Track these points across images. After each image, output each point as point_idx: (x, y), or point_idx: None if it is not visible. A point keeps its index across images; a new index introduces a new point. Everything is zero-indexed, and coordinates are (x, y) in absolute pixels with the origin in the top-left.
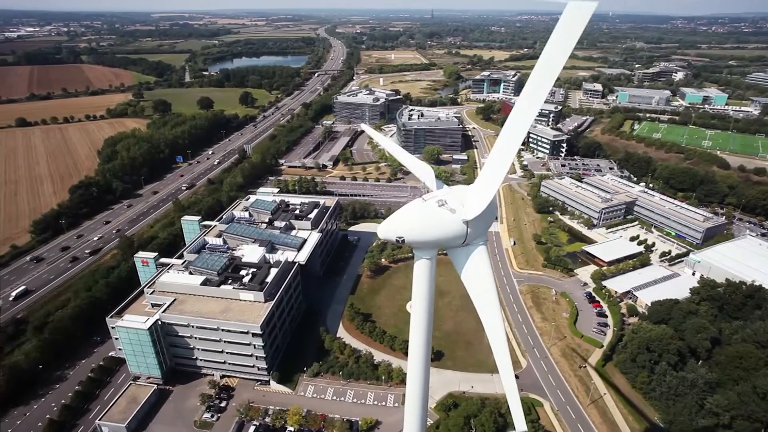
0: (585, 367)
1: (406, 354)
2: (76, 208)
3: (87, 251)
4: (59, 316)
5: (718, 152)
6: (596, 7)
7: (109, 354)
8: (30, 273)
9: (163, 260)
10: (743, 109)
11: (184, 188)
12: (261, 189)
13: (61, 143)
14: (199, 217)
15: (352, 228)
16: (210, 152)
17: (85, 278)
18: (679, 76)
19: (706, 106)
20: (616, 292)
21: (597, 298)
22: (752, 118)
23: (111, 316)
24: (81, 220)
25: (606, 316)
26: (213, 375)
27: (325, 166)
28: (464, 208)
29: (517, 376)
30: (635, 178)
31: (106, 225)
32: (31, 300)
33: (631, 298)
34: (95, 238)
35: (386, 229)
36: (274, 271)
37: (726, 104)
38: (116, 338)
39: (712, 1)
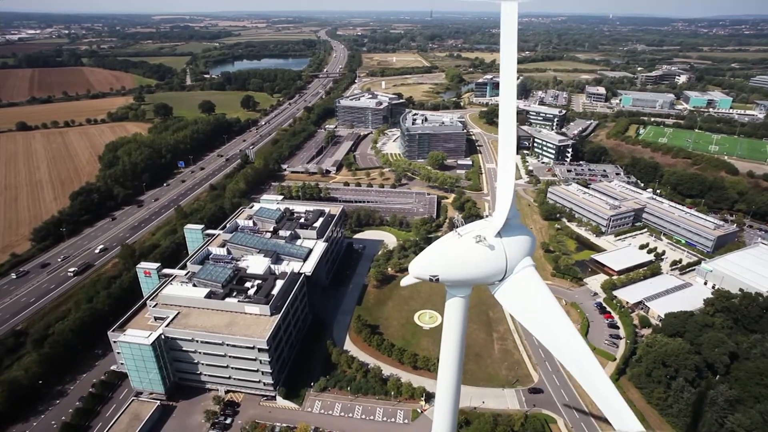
0: None
1: (414, 368)
2: (77, 215)
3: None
4: (59, 329)
5: (726, 157)
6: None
7: (111, 368)
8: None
9: (166, 271)
10: (748, 112)
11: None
12: (265, 196)
13: (62, 148)
14: (202, 226)
15: (357, 235)
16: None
17: (86, 289)
18: (682, 79)
19: (711, 109)
20: (627, 302)
21: (608, 309)
22: (758, 122)
23: (113, 330)
24: (82, 227)
25: (618, 328)
26: (217, 390)
27: (328, 172)
28: (491, 219)
29: (540, 390)
30: (642, 184)
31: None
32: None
33: (642, 308)
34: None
35: (419, 267)
36: (279, 283)
37: (730, 108)
38: (118, 353)
39: (713, 3)
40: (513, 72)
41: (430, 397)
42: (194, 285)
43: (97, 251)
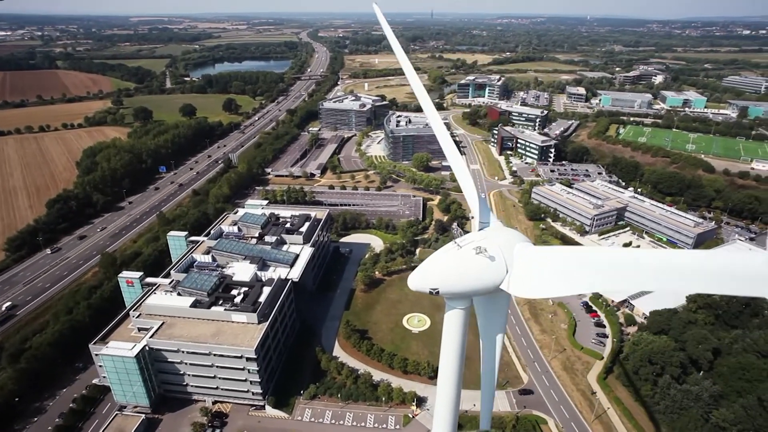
0: (595, 393)
1: (404, 372)
2: (54, 223)
3: None
4: (37, 342)
5: (702, 156)
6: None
7: (93, 381)
8: None
9: (149, 280)
10: (722, 111)
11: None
12: (249, 201)
13: (37, 153)
14: (185, 233)
15: (343, 239)
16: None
17: (66, 299)
18: (659, 79)
19: (687, 109)
20: (612, 301)
21: (594, 308)
22: (731, 121)
23: (95, 342)
24: (59, 235)
25: (604, 326)
26: (205, 401)
27: (313, 175)
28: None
29: (531, 392)
30: (624, 183)
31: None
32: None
33: (628, 307)
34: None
35: (418, 280)
36: (266, 290)
37: (705, 107)
38: (100, 366)
39: (685, 4)
40: (407, 62)
41: (421, 402)
42: (179, 294)
43: (2, 309)
